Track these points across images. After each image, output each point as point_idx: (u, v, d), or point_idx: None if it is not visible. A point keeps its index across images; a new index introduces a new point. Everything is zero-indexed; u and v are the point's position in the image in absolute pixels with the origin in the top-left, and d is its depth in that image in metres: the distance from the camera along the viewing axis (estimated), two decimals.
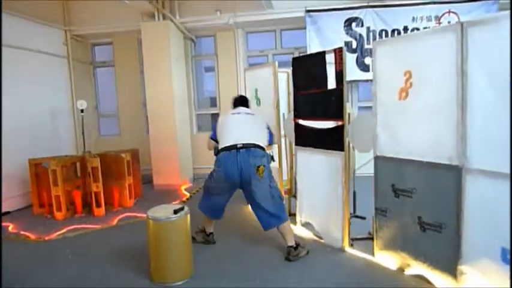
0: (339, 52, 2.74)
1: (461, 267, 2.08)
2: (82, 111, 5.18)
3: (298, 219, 3.40)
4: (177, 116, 5.45)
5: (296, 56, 3.91)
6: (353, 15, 5.19)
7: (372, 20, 5.16)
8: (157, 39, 5.31)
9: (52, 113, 5.36)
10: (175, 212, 2.45)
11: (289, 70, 3.64)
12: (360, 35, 5.22)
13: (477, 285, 2.02)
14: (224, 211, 3.03)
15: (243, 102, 3.20)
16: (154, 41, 5.32)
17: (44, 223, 3.96)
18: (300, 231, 3.31)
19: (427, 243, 2.27)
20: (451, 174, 2.08)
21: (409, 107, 2.32)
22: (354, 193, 3.40)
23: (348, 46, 5.21)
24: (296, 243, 2.79)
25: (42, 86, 5.18)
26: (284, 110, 3.83)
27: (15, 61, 4.62)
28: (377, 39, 5.07)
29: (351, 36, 5.24)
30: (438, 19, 5.02)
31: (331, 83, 2.84)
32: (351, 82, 5.42)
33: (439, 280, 2.22)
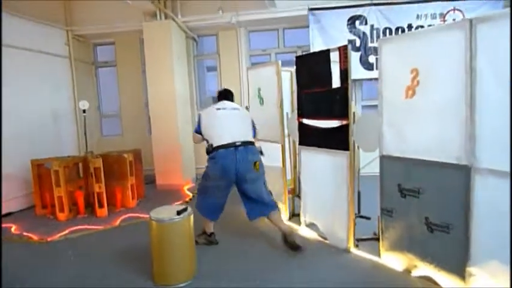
0: (344, 50, 2.70)
1: (469, 268, 2.04)
2: (84, 111, 5.18)
3: (302, 219, 3.37)
4: (179, 116, 5.43)
5: (300, 55, 3.87)
6: (356, 13, 5.15)
7: (376, 18, 5.11)
8: (159, 38, 5.28)
9: (54, 114, 5.35)
10: (178, 213, 2.42)
11: (292, 69, 3.61)
12: (364, 33, 5.18)
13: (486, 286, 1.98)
14: (222, 211, 3.01)
15: (227, 95, 3.19)
16: (156, 41, 5.29)
17: (47, 224, 3.95)
18: (305, 231, 3.28)
19: (435, 244, 2.23)
20: (460, 173, 2.04)
21: (416, 106, 2.28)
22: (359, 193, 3.36)
23: (352, 44, 5.15)
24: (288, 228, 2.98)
25: (44, 87, 5.17)
26: (288, 109, 3.79)
27: (17, 61, 4.61)
28: (381, 37, 5.03)
29: (355, 34, 5.19)
30: (443, 17, 4.96)
31: (335, 82, 2.80)
32: (355, 81, 5.36)
33: (447, 282, 2.18)
